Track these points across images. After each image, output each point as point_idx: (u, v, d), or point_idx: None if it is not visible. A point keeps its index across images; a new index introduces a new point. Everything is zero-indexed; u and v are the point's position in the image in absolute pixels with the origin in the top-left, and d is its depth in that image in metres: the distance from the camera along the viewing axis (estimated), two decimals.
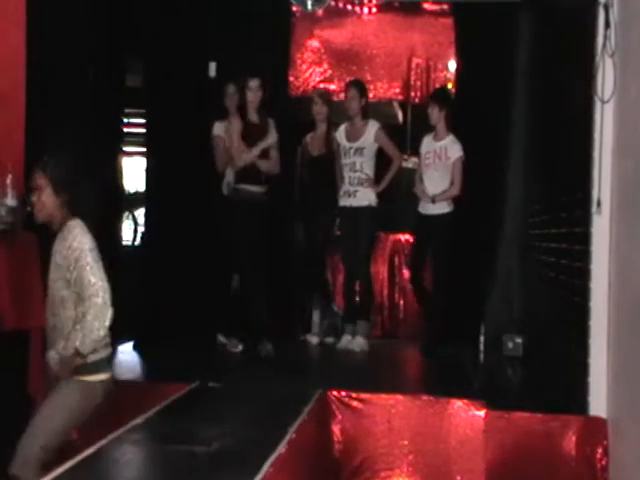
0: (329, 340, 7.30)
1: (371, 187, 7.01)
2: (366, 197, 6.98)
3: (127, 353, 6.67)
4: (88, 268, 3.89)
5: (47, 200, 3.99)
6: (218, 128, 7.07)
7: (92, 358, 3.96)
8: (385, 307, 8.10)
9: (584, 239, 4.99)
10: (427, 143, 7.18)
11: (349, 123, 7.10)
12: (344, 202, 7.08)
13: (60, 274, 3.98)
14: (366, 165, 7.01)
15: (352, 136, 7.06)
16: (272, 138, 6.68)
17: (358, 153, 7.01)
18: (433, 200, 6.95)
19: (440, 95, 7.31)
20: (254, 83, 6.57)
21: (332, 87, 8.41)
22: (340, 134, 7.15)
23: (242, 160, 6.60)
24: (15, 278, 4.37)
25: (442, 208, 6.99)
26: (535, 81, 6.81)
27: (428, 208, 7.05)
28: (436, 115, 7.04)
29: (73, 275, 3.91)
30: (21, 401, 4.36)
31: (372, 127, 7.02)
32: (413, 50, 8.51)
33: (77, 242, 3.93)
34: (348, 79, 7.99)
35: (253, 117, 6.62)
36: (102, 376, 4.02)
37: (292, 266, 7.73)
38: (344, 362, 6.84)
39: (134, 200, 9.18)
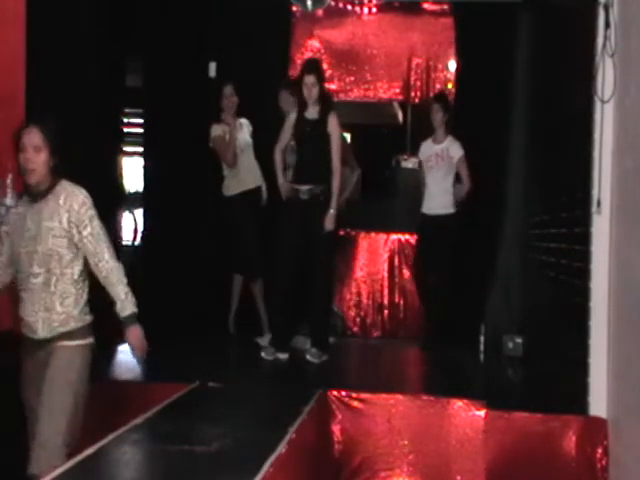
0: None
1: None
2: None
3: (127, 353, 6.64)
4: (103, 233, 3.98)
5: (43, 161, 3.93)
6: (216, 129, 7.06)
7: (88, 319, 4.04)
8: (385, 307, 8.10)
9: (584, 239, 4.99)
10: (427, 147, 7.24)
11: None
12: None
13: (59, 231, 3.91)
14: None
15: None
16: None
17: None
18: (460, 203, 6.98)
19: (445, 99, 7.35)
20: (309, 79, 6.27)
21: (332, 87, 8.41)
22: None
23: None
24: None
25: (447, 208, 7.00)
26: (535, 81, 6.83)
27: (432, 208, 7.06)
28: (440, 119, 7.09)
29: (84, 233, 3.93)
30: (20, 401, 4.35)
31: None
32: (413, 50, 8.51)
33: (90, 201, 3.97)
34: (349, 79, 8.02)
35: (311, 113, 6.34)
36: (92, 338, 4.08)
37: None
38: (344, 362, 6.84)
39: (134, 200, 9.17)
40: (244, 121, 7.12)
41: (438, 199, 7.05)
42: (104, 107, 6.80)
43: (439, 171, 7.05)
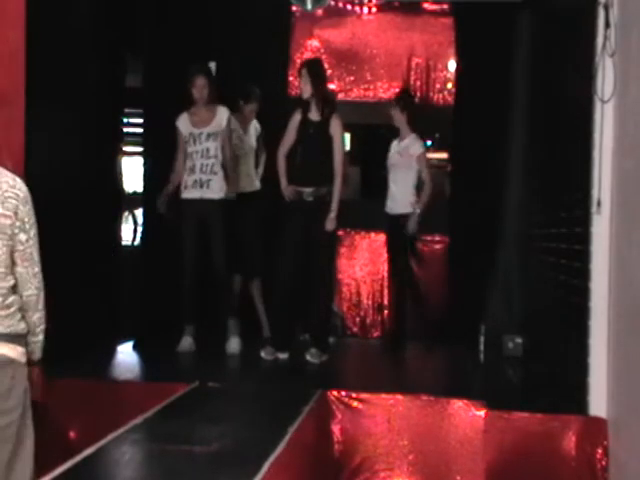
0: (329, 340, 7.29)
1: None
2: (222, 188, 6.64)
3: (127, 353, 6.67)
4: (36, 242, 3.11)
5: None
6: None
7: None
8: (385, 307, 8.10)
9: (584, 239, 4.99)
10: (393, 147, 7.30)
11: (191, 111, 6.69)
12: (192, 194, 6.66)
13: None
14: (221, 153, 6.65)
15: (200, 122, 6.64)
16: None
17: (212, 138, 6.61)
18: (418, 209, 6.95)
19: (401, 98, 7.37)
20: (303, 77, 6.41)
21: (332, 87, 8.40)
22: (182, 122, 6.69)
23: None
24: None
25: (406, 208, 6.98)
26: (535, 81, 6.82)
27: (393, 208, 7.08)
28: (397, 117, 7.15)
29: (19, 231, 3.02)
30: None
31: (224, 113, 6.67)
32: (413, 50, 8.50)
33: (27, 194, 3.08)
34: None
35: (314, 114, 6.42)
36: None
37: None
38: (344, 362, 6.84)
39: (134, 200, 9.17)
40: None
41: (398, 198, 7.05)
42: (104, 107, 6.80)
43: (399, 169, 7.08)
